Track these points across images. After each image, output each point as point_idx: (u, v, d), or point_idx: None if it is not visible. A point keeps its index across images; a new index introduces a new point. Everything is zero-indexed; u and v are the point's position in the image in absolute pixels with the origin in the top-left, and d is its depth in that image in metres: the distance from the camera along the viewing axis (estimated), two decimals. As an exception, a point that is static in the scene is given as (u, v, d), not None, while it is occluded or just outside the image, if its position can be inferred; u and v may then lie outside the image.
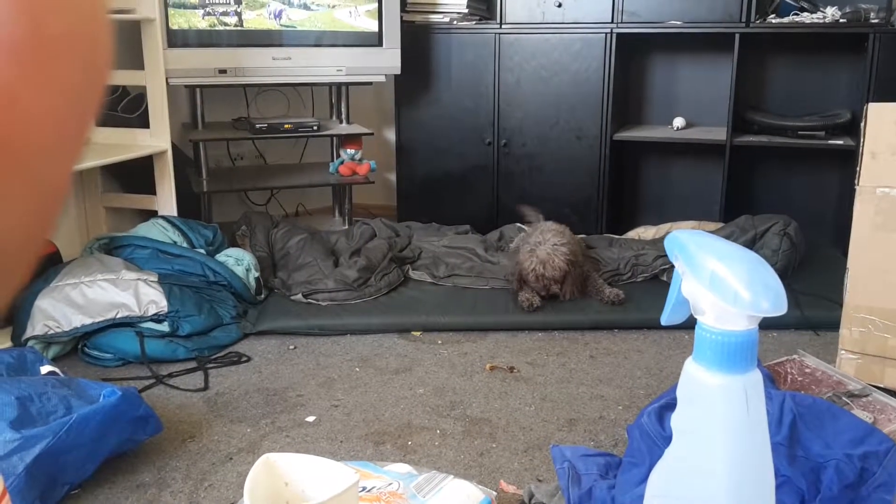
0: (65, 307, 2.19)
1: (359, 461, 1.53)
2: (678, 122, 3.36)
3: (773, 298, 0.77)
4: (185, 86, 3.08)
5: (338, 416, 1.92)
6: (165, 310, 2.25)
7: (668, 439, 1.39)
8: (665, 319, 0.90)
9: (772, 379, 1.65)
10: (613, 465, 1.48)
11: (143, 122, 2.81)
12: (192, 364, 2.20)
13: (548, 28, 3.26)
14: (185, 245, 2.62)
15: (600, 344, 2.38)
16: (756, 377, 0.80)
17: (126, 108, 2.91)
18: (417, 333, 2.45)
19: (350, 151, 3.38)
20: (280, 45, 3.10)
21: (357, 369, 2.20)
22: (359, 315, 2.51)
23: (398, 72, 3.29)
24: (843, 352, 1.70)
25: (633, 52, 3.41)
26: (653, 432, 1.37)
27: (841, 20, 2.99)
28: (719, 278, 0.79)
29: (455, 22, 3.38)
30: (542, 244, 2.59)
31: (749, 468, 0.79)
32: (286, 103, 3.62)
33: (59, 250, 2.53)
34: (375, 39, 3.22)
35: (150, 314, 2.24)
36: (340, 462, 1.49)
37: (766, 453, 0.79)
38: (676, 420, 0.85)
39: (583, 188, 3.33)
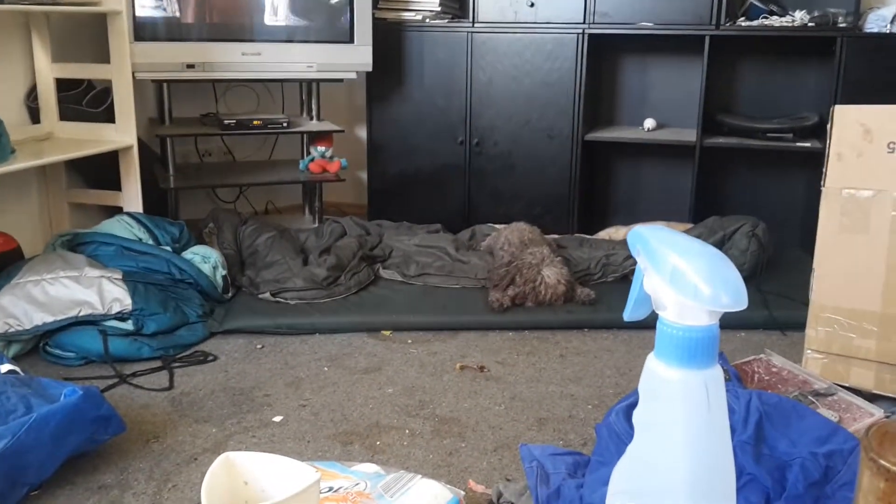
0: (26, 305, 2.14)
1: (326, 461, 1.51)
2: (649, 123, 3.38)
3: (732, 293, 0.77)
4: (152, 80, 3.03)
5: (305, 416, 1.90)
6: (130, 308, 2.21)
7: (636, 438, 1.39)
8: (627, 315, 0.90)
9: (739, 378, 1.66)
10: (582, 463, 1.47)
11: (109, 117, 2.76)
12: (157, 363, 2.17)
13: (520, 27, 3.26)
14: (150, 242, 2.58)
15: (570, 343, 2.38)
16: (717, 373, 0.80)
17: (91, 103, 2.86)
18: (387, 333, 2.43)
19: (320, 149, 3.35)
20: (250, 41, 3.06)
21: (325, 369, 2.18)
22: (328, 314, 2.49)
23: (370, 69, 3.27)
24: (809, 351, 1.71)
25: (605, 53, 3.42)
26: (621, 431, 1.37)
27: (809, 24, 3.02)
28: (679, 273, 0.79)
29: (427, 20, 3.37)
30: (546, 263, 2.57)
31: (709, 463, 0.79)
32: (256, 99, 3.58)
33: (21, 247, 2.48)
34: (347, 36, 3.19)
35: (113, 312, 2.19)
36: (306, 462, 1.47)
37: (726, 449, 0.80)
38: (638, 415, 0.85)
39: (554, 188, 3.34)
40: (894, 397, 1.61)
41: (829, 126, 1.65)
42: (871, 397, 1.61)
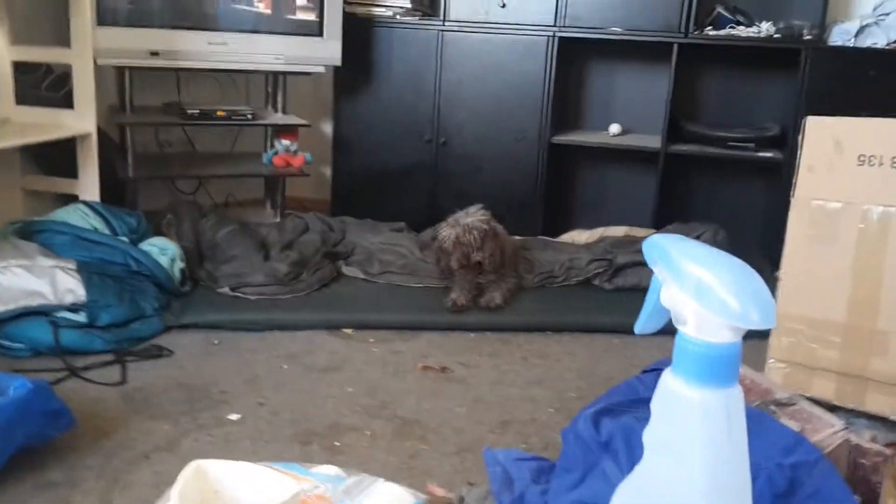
0: (-27, 293, 2.06)
1: (285, 462, 1.47)
2: (614, 128, 3.39)
3: (762, 309, 0.72)
4: (115, 66, 2.94)
5: (263, 414, 1.86)
6: (83, 299, 2.14)
7: (603, 445, 1.38)
8: (640, 328, 0.86)
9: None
10: (546, 469, 1.46)
11: (68, 103, 2.67)
12: (110, 357, 2.10)
13: (491, 28, 3.25)
14: (106, 232, 2.50)
15: (532, 346, 2.37)
16: (738, 392, 0.76)
17: (50, 87, 2.76)
18: (349, 331, 2.39)
19: (285, 142, 3.30)
20: (217, 30, 3.00)
21: (285, 367, 2.13)
22: (288, 311, 2.44)
23: (338, 63, 3.22)
24: (771, 360, 1.72)
25: (574, 57, 3.42)
26: (588, 438, 1.36)
27: (775, 35, 3.06)
28: (705, 286, 0.74)
29: (398, 16, 3.33)
30: (462, 217, 2.58)
31: (728, 489, 0.75)
32: (220, 90, 3.51)
33: (-30, 233, 2.39)
34: (316, 29, 3.14)
35: (66, 303, 2.13)
36: (264, 463, 1.43)
37: (745, 473, 0.76)
38: (649, 435, 0.80)
39: (520, 190, 3.33)
40: (854, 409, 1.62)
41: (800, 137, 1.66)
42: (832, 408, 1.62)
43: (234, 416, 1.84)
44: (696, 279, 0.76)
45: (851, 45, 3.00)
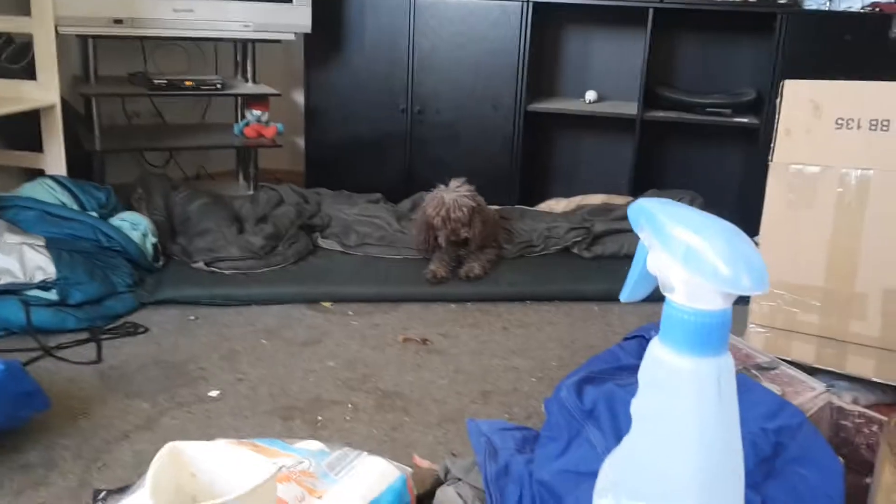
0: (-62, 272, 2.01)
1: (267, 438, 1.46)
2: (590, 95, 3.36)
3: (754, 274, 0.70)
4: (77, 35, 2.85)
5: (243, 390, 1.84)
6: (54, 276, 2.09)
7: (586, 413, 1.38)
8: (626, 296, 0.83)
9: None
10: (530, 438, 1.45)
11: (30, 74, 2.59)
12: (84, 335, 2.06)
13: (464, -7, 3.19)
14: (75, 207, 2.44)
15: (513, 315, 2.36)
16: (728, 361, 0.75)
17: (10, 58, 2.68)
18: (327, 304, 2.37)
19: (256, 113, 3.24)
20: (182, -3, 2.92)
21: (263, 341, 2.11)
22: (265, 284, 2.41)
23: (308, 30, 3.15)
24: (751, 325, 1.73)
25: (549, 23, 3.38)
26: (571, 406, 1.35)
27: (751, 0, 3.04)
28: (695, 252, 0.72)
29: (369, -18, 3.27)
30: (447, 192, 2.55)
31: (720, 458, 0.75)
32: (187, 59, 3.43)
33: (-67, 210, 2.32)
34: (285, -5, 3.07)
35: (36, 281, 2.08)
36: (245, 439, 1.41)
37: (736, 444, 0.76)
38: (637, 406, 0.79)
39: (497, 158, 3.30)
40: (833, 371, 1.64)
41: (777, 101, 1.65)
42: (811, 371, 1.63)
43: (213, 393, 1.81)
44: (685, 244, 0.73)
45: (826, 8, 2.99)
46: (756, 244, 1.74)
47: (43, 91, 2.56)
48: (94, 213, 2.44)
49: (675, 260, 0.73)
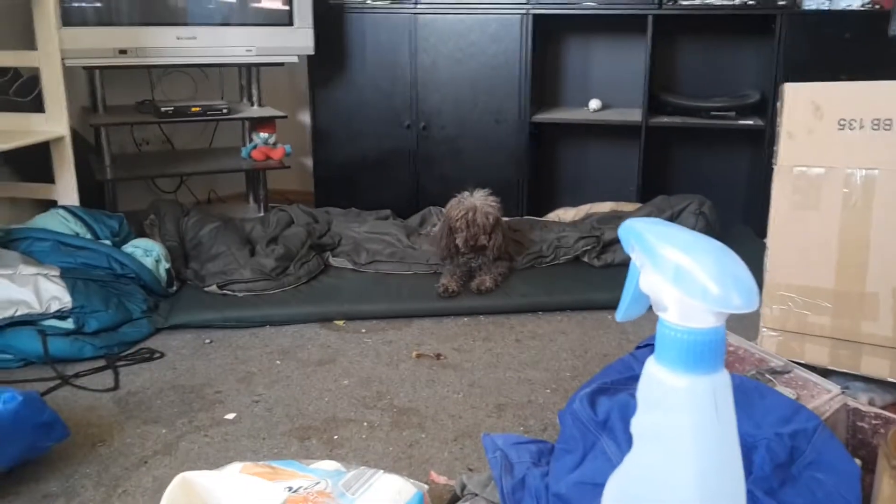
0: (-44, 306, 2.03)
1: (284, 460, 1.47)
2: (594, 103, 3.38)
3: (744, 293, 0.70)
4: (83, 67, 2.90)
5: (259, 412, 1.85)
6: (69, 306, 2.11)
7: (600, 424, 1.38)
8: (621, 315, 0.83)
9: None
10: (546, 451, 1.45)
11: (38, 107, 2.63)
12: (101, 363, 2.08)
13: (463, 8, 3.22)
14: (88, 236, 2.47)
15: (525, 327, 2.37)
16: (724, 378, 0.75)
17: (18, 92, 2.72)
18: (340, 323, 2.38)
19: (263, 135, 3.27)
20: (184, 24, 2.95)
21: (278, 362, 2.12)
22: (278, 305, 2.42)
23: (311, 52, 3.18)
24: (764, 329, 1.72)
25: (549, 34, 3.40)
26: (585, 418, 1.36)
27: (749, 2, 3.05)
28: (684, 272, 0.72)
29: (369, 1, 3.30)
30: (472, 197, 2.56)
31: (719, 475, 0.75)
32: (193, 85, 3.46)
33: (-52, 245, 2.35)
34: (286, 18, 3.10)
35: (52, 311, 2.10)
36: (263, 461, 1.42)
37: (736, 459, 0.76)
38: (637, 425, 0.79)
39: (503, 171, 3.31)
40: (848, 372, 1.63)
41: (778, 104, 1.65)
42: (825, 373, 1.63)
43: (230, 416, 1.82)
44: (675, 264, 0.74)
45: (826, 8, 2.99)
46: (765, 247, 1.74)
47: (52, 123, 2.59)
48: (108, 242, 2.47)
49: (665, 280, 0.74)
